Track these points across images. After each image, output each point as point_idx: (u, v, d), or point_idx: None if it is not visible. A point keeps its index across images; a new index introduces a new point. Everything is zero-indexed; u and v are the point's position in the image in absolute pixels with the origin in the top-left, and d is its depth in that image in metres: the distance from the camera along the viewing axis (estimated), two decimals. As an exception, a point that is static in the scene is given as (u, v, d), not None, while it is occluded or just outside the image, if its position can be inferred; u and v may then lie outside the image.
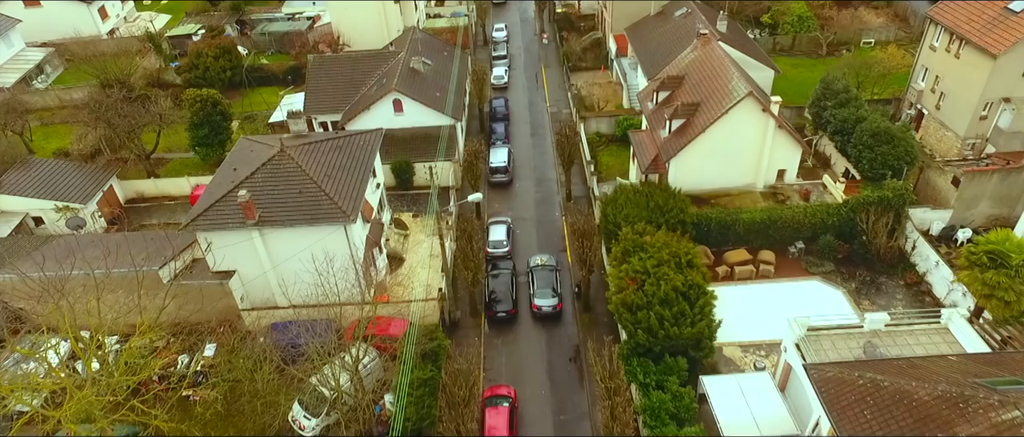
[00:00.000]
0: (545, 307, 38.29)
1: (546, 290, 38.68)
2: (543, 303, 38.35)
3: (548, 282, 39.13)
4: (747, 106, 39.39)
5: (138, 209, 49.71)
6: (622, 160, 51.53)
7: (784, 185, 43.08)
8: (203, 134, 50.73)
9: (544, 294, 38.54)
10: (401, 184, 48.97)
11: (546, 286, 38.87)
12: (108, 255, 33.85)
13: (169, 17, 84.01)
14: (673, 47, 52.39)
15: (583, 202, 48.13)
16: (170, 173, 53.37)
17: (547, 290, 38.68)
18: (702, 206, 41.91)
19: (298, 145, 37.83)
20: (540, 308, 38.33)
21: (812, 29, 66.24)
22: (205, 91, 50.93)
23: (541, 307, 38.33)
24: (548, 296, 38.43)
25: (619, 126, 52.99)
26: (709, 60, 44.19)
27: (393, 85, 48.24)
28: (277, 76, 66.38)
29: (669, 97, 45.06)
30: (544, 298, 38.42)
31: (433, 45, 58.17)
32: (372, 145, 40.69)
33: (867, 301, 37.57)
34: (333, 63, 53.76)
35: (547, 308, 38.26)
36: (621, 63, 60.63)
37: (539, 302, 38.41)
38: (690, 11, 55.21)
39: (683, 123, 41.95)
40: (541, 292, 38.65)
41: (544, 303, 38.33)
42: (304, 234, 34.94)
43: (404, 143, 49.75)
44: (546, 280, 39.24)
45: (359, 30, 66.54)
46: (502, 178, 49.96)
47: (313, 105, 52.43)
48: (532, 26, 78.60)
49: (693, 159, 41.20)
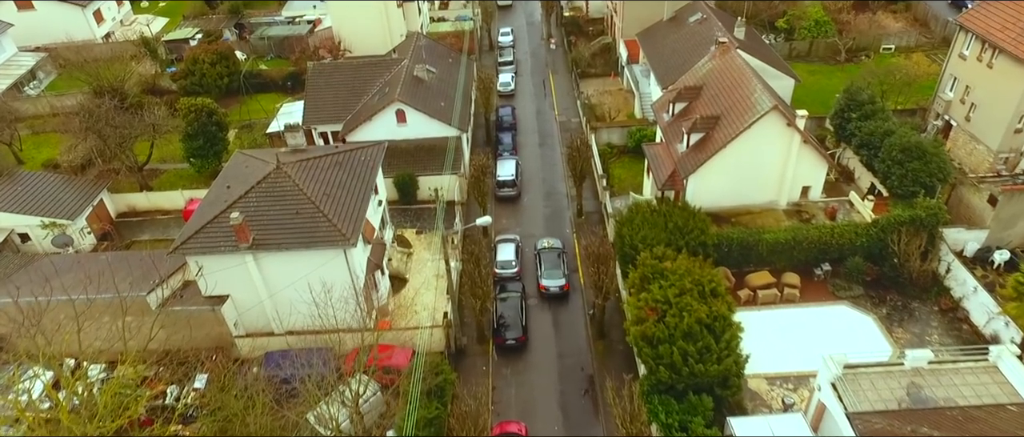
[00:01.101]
0: (552, 287, 39.42)
1: (554, 271, 39.86)
2: (550, 283, 39.46)
3: (555, 263, 40.38)
4: (771, 120, 37.13)
5: (130, 224, 47.63)
6: (635, 173, 49.30)
7: (808, 202, 40.81)
8: (198, 145, 48.63)
9: (551, 275, 39.71)
10: (404, 198, 46.83)
11: (553, 267, 40.10)
12: (89, 283, 31.80)
13: (166, 20, 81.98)
14: (688, 55, 50.16)
15: (595, 218, 45.93)
16: (164, 185, 51.29)
17: (555, 271, 39.85)
18: (722, 225, 39.66)
19: (295, 161, 35.69)
20: (548, 289, 39.47)
21: (829, 34, 63.93)
22: (200, 100, 48.83)
23: (549, 288, 39.46)
24: (556, 277, 39.57)
25: (631, 137, 50.76)
26: (729, 70, 41.94)
27: (396, 95, 46.09)
28: (276, 82, 64.26)
29: (686, 109, 42.82)
30: (551, 278, 39.58)
31: (437, 51, 56.01)
32: (374, 160, 38.53)
33: (900, 328, 35.31)
34: (333, 71, 51.62)
35: (554, 288, 39.40)
36: (632, 70, 58.39)
37: (546, 282, 39.56)
38: (705, 17, 52.95)
39: (702, 137, 39.71)
40: (548, 273, 39.88)
41: (551, 283, 39.45)
42: (301, 258, 32.81)
43: (407, 155, 47.61)
44: (553, 261, 40.56)
45: (361, 35, 64.42)
46: (510, 192, 47.77)
47: (312, 115, 50.30)
48: (539, 30, 76.38)
49: (712, 175, 38.96)
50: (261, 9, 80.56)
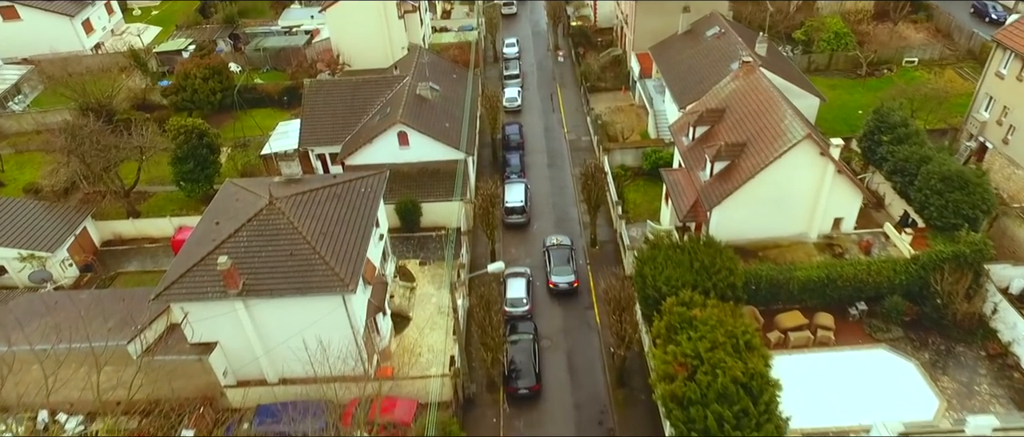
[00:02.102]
0: (562, 284, 39.60)
1: (563, 267, 40.03)
2: (560, 280, 39.63)
3: (564, 259, 40.60)
4: (804, 149, 34.42)
5: (115, 253, 44.87)
6: (651, 198, 46.59)
7: (840, 235, 38.09)
8: (188, 169, 45.86)
9: (561, 271, 39.86)
10: (406, 226, 44.10)
11: (562, 263, 40.27)
12: (66, 328, 29.16)
13: (159, 29, 79.21)
14: (707, 72, 47.45)
15: (610, 248, 43.18)
16: (153, 210, 48.49)
17: (564, 268, 40.03)
18: (748, 259, 36.94)
19: (289, 195, 32.91)
20: (557, 285, 39.61)
21: (850, 47, 61.20)
22: (190, 121, 46.07)
23: (558, 284, 39.60)
24: (565, 273, 39.76)
25: (646, 159, 48.01)
26: (755, 92, 39.21)
27: (398, 117, 43.34)
28: (272, 97, 61.48)
29: (708, 133, 40.09)
30: (561, 275, 39.74)
31: (441, 67, 53.26)
32: (375, 191, 35.79)
33: (945, 377, 32.57)
34: (332, 88, 48.85)
35: (563, 285, 39.58)
36: (645, 85, 55.67)
37: (556, 278, 39.71)
38: (723, 31, 50.21)
39: (727, 165, 36.99)
40: (558, 269, 40.01)
41: (561, 280, 39.62)
42: (296, 305, 30.06)
43: (410, 180, 44.87)
44: (562, 257, 40.74)
45: (360, 48, 61.76)
46: (519, 219, 45.03)
47: (310, 136, 47.53)
48: (545, 40, 73.61)
49: (738, 207, 36.23)
50: (257, 19, 77.76)
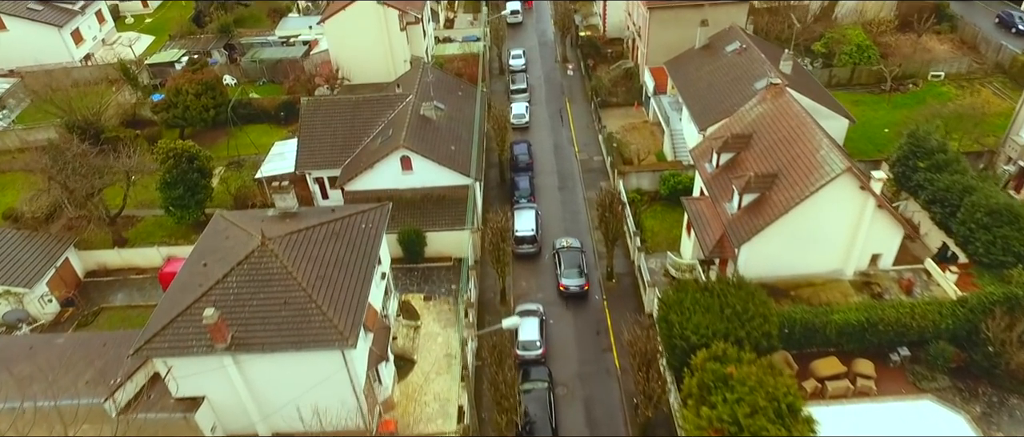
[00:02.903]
0: (572, 287, 39.10)
1: (573, 270, 39.55)
2: (570, 283, 39.13)
3: (575, 262, 40.10)
4: (843, 183, 31.69)
5: (99, 285, 42.16)
6: (669, 224, 43.88)
7: (878, 272, 35.36)
8: (177, 195, 43.11)
9: (571, 274, 39.39)
10: (409, 257, 41.38)
11: (573, 266, 39.82)
12: (33, 382, 26.50)
13: (152, 39, 76.40)
14: (728, 91, 44.73)
15: (627, 282, 40.43)
16: (141, 237, 45.82)
17: (573, 270, 39.56)
18: (779, 299, 34.18)
19: (283, 235, 30.15)
20: (567, 288, 39.12)
21: (873, 60, 58.43)
22: (179, 143, 43.33)
23: (569, 287, 39.11)
24: (574, 276, 39.29)
25: (664, 184, 45.25)
26: (785, 117, 36.47)
27: (401, 141, 40.58)
28: (268, 112, 58.75)
29: (734, 160, 37.34)
30: (571, 278, 39.25)
31: (446, 83, 50.49)
32: (377, 227, 33.05)
33: (998, 431, 29.89)
34: (330, 107, 46.09)
35: (574, 288, 39.10)
36: (660, 102, 52.92)
37: (566, 282, 39.20)
38: (745, 46, 47.45)
39: (756, 197, 34.26)
40: (568, 272, 39.53)
41: (571, 283, 39.12)
42: (291, 360, 27.33)
43: (413, 207, 42.16)
44: (573, 260, 40.23)
45: (360, 61, 59.02)
46: (529, 249, 42.30)
47: (307, 158, 44.78)
48: (552, 50, 70.82)
49: (769, 243, 33.48)
50: (253, 28, 75.01)
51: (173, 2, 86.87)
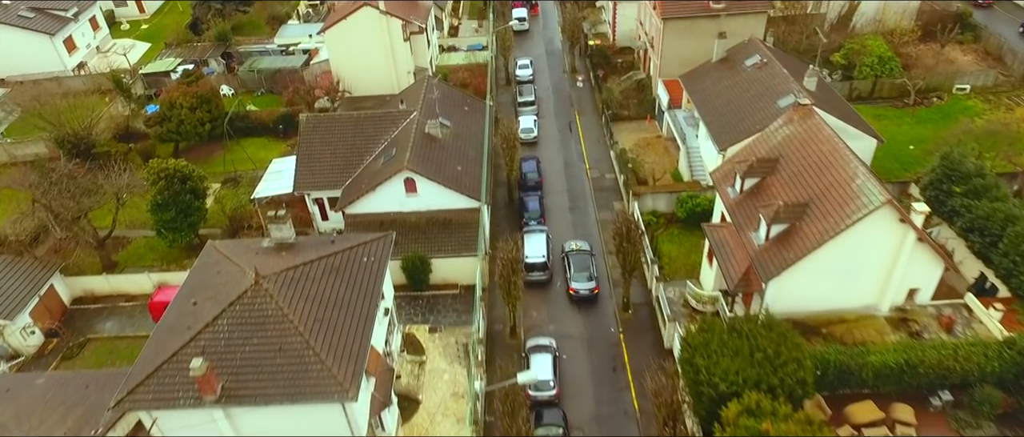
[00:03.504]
0: (582, 290, 38.65)
1: (582, 274, 39.02)
2: (580, 286, 38.64)
3: (584, 266, 39.54)
4: (882, 215, 29.45)
5: (86, 313, 39.98)
6: (687, 249, 41.63)
7: (916, 308, 33.09)
8: (169, 217, 40.90)
9: (580, 278, 38.88)
10: (414, 285, 39.17)
11: (582, 270, 39.25)
12: (5, 432, 24.33)
13: (148, 46, 74.30)
14: (749, 108, 42.48)
15: (645, 314, 38.17)
16: (131, 259, 43.69)
17: (583, 274, 39.04)
18: (811, 337, 31.95)
19: (278, 272, 27.92)
20: (577, 291, 38.63)
21: (895, 73, 56.13)
22: (171, 163, 41.12)
23: (578, 290, 38.62)
24: (584, 279, 38.84)
25: (681, 206, 42.98)
26: (814, 141, 34.21)
27: (405, 163, 38.36)
28: (266, 125, 56.53)
29: (760, 186, 35.11)
30: (580, 281, 38.76)
31: (452, 98, 48.24)
32: (380, 260, 30.82)
33: (1051, 488, 27.65)
34: (331, 124, 43.87)
35: (584, 291, 38.66)
36: (675, 117, 50.63)
37: (576, 285, 38.73)
38: (766, 61, 45.17)
39: (786, 228, 32.01)
40: (577, 276, 39.02)
41: (581, 286, 38.64)
42: (286, 414, 25.12)
43: (418, 231, 39.95)
44: (582, 264, 39.64)
45: (362, 73, 56.76)
46: (540, 276, 40.04)
47: (305, 178, 42.57)
48: (560, 59, 68.50)
49: (799, 277, 31.25)
50: (251, 36, 72.74)
51: (171, 6, 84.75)
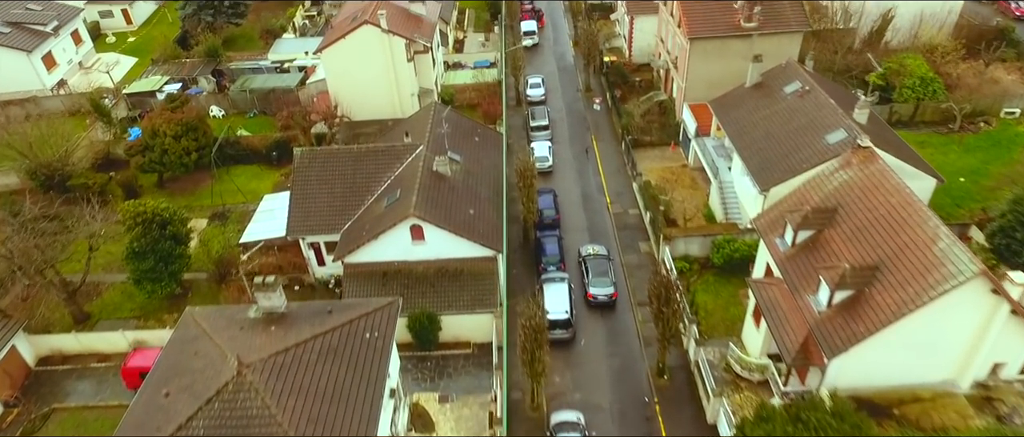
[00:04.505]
0: (600, 296, 37.96)
1: (602, 279, 38.35)
2: (598, 292, 37.97)
3: (603, 270, 38.89)
4: (972, 287, 25.23)
5: (53, 375, 35.65)
6: (726, 301, 37.45)
7: (1001, 385, 28.87)
8: (147, 267, 36.60)
9: (599, 283, 38.19)
10: (421, 344, 34.93)
11: (601, 275, 38.59)
12: None
13: (135, 61, 69.97)
14: (794, 143, 38.22)
15: (682, 378, 33.94)
16: (106, 310, 39.51)
17: (603, 279, 38.36)
18: (881, 420, 27.69)
19: (266, 358, 23.64)
20: (595, 297, 37.98)
21: (939, 95, 51.94)
22: (149, 205, 36.79)
23: (596, 296, 37.96)
24: (604, 285, 38.09)
25: (717, 251, 38.72)
26: (881, 192, 29.98)
27: (411, 209, 34.08)
28: (259, 152, 52.20)
29: (815, 238, 30.87)
30: (599, 286, 38.06)
31: (461, 127, 43.97)
32: (385, 336, 26.57)
33: None
34: (327, 160, 39.58)
35: (602, 297, 37.96)
36: (704, 146, 46.41)
37: (594, 290, 38.05)
38: (808, 88, 40.92)
39: (853, 294, 27.79)
40: (596, 281, 38.32)
41: (599, 292, 37.97)
42: None
43: (425, 284, 35.72)
44: (601, 268, 39.01)
45: (362, 96, 52.49)
46: (562, 334, 35.79)
47: (299, 221, 38.34)
48: (572, 75, 64.21)
49: (868, 351, 27.02)
50: (244, 51, 68.43)
51: (160, 16, 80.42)
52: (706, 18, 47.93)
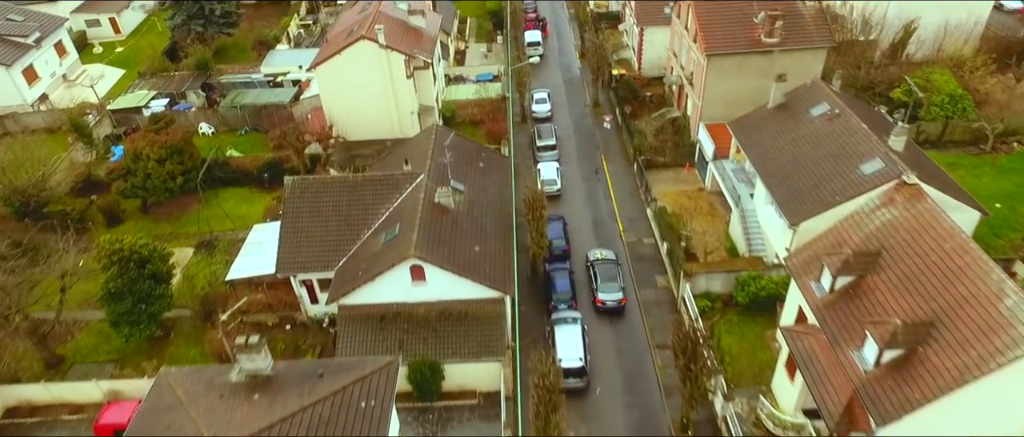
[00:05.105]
0: (609, 301, 37.27)
1: (610, 284, 37.62)
2: (607, 297, 37.27)
3: (611, 275, 38.08)
4: (1045, 353, 22.43)
5: (20, 428, 32.69)
6: (752, 344, 34.65)
7: (1067, 449, 26.07)
8: (124, 309, 33.68)
9: (608, 288, 37.48)
10: (422, 395, 32.03)
11: (610, 280, 37.82)
12: None
13: (123, 73, 67.03)
14: (825, 173, 35.33)
15: (706, 433, 31.02)
16: (81, 353, 36.71)
17: (611, 284, 37.62)
18: (935, 492, 24.92)
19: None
20: (604, 302, 37.29)
21: (969, 114, 49.12)
22: (127, 241, 33.83)
23: (605, 302, 37.28)
24: (612, 290, 37.39)
25: (742, 289, 35.84)
26: (931, 235, 27.16)
27: (411, 248, 31.18)
28: (250, 174, 49.28)
29: (857, 285, 28.04)
30: (608, 292, 37.35)
31: (464, 151, 41.02)
32: (383, 403, 23.66)
33: None
34: (321, 190, 36.66)
35: (611, 302, 37.27)
36: (723, 170, 43.62)
37: (603, 296, 37.34)
38: (838, 111, 38.04)
39: (905, 353, 24.96)
40: (605, 286, 37.61)
41: (608, 297, 37.26)
42: None
43: (427, 328, 32.84)
44: (609, 273, 38.18)
45: (359, 115, 49.55)
46: (576, 383, 32.88)
47: (290, 257, 35.42)
48: (579, 88, 61.31)
49: (924, 416, 24.21)
50: (236, 63, 65.45)
51: (150, 25, 77.46)
52: (724, 33, 45.10)
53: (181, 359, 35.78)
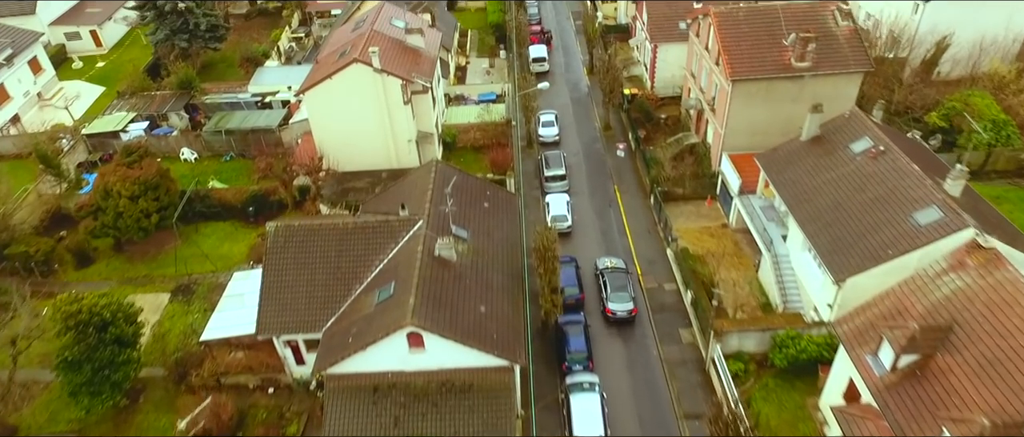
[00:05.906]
0: (619, 312, 36.21)
1: (620, 294, 36.54)
2: (617, 307, 36.25)
3: (621, 285, 37.04)
4: None
5: (-35, 518, 28.84)
6: (791, 412, 30.83)
7: None
8: (84, 379, 29.72)
9: (618, 298, 36.43)
10: (422, 479, 28.11)
11: (620, 289, 36.74)
12: None
13: (102, 91, 63.10)
14: (872, 219, 31.45)
15: (748, 530, 27.19)
16: (37, 423, 32.57)
17: (622, 294, 36.55)
18: None
19: None
20: (614, 313, 36.27)
21: (1014, 141, 45.29)
22: (86, 303, 29.79)
23: (615, 312, 36.24)
24: (623, 300, 36.37)
25: (779, 350, 31.91)
26: (1017, 313, 23.25)
27: (408, 315, 27.25)
28: (234, 208, 45.39)
29: (924, 363, 24.18)
30: (618, 302, 36.33)
31: (467, 189, 37.00)
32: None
33: None
34: (307, 238, 32.70)
35: (622, 313, 36.20)
36: (751, 207, 39.76)
37: (613, 306, 36.35)
38: (883, 148, 34.15)
39: (990, 457, 21.11)
40: (615, 295, 36.57)
41: (618, 307, 36.23)
42: None
43: (426, 401, 28.86)
44: (619, 283, 37.16)
45: (352, 144, 45.59)
46: (596, 465, 29.13)
47: (272, 316, 31.47)
48: (587, 108, 57.52)
49: (1014, 534, 20.42)
50: (222, 81, 61.48)
51: (133, 38, 73.40)
52: (751, 57, 41.24)
53: (150, 429, 31.97)
